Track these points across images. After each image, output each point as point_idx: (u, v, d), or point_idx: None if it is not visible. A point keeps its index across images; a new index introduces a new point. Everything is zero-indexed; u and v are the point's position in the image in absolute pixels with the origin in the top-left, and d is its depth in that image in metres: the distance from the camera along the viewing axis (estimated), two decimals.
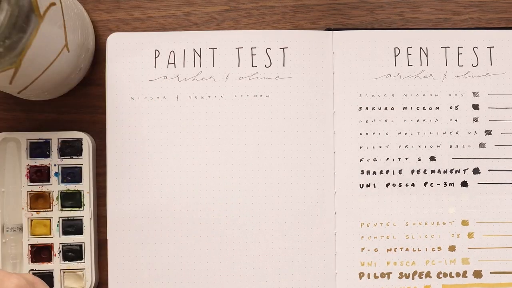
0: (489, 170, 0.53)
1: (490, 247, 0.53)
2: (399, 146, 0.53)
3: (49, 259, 0.52)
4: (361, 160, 0.53)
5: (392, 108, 0.53)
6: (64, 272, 0.52)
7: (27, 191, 0.52)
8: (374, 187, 0.53)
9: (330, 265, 0.52)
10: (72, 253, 0.52)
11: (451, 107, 0.53)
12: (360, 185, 0.53)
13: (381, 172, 0.53)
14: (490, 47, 0.53)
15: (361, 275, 0.52)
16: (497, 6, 0.54)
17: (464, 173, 0.53)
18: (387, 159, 0.53)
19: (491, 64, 0.53)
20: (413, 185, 0.53)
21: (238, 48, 0.53)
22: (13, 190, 0.52)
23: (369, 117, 0.53)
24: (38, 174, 0.52)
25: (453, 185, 0.53)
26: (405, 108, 0.53)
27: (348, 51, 0.53)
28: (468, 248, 0.53)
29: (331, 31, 0.53)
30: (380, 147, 0.53)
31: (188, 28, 0.54)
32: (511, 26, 0.54)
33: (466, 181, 0.53)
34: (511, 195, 0.53)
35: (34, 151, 0.52)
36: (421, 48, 0.53)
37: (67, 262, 0.52)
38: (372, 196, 0.53)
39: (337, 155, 0.53)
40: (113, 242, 0.52)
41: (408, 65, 0.53)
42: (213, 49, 0.53)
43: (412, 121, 0.53)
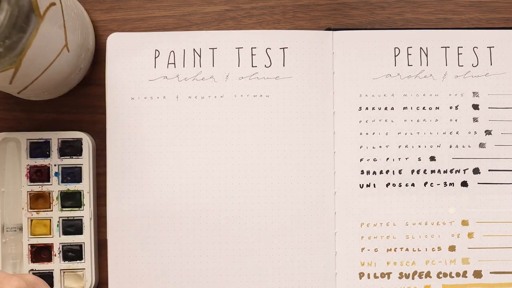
0: (489, 170, 0.53)
1: (490, 247, 0.53)
2: (399, 146, 0.53)
3: (49, 259, 0.52)
4: (361, 160, 0.53)
5: (392, 108, 0.53)
6: (64, 272, 0.52)
7: (27, 191, 0.52)
8: (374, 187, 0.53)
9: (330, 265, 0.52)
10: (72, 253, 0.52)
11: (451, 107, 0.53)
12: (360, 185, 0.53)
13: (381, 172, 0.53)
14: (490, 47, 0.53)
15: (361, 275, 0.52)
16: (497, 6, 0.54)
17: (464, 173, 0.53)
18: (387, 159, 0.53)
19: (491, 64, 0.53)
20: (413, 185, 0.53)
21: (238, 48, 0.53)
22: (13, 190, 0.52)
23: (369, 117, 0.53)
24: (38, 174, 0.52)
25: (453, 185, 0.53)
26: (405, 108, 0.53)
27: (348, 51, 0.53)
28: (468, 248, 0.53)
29: (331, 31, 0.53)
30: (380, 147, 0.53)
31: (188, 28, 0.54)
32: (511, 26, 0.54)
33: (466, 181, 0.53)
34: (511, 195, 0.53)
35: (34, 151, 0.52)
36: (421, 48, 0.53)
37: (67, 262, 0.52)
38: (372, 196, 0.53)
39: (337, 155, 0.53)
40: (113, 242, 0.52)
41: (408, 65, 0.53)
42: (213, 49, 0.53)
43: (412, 121, 0.53)
